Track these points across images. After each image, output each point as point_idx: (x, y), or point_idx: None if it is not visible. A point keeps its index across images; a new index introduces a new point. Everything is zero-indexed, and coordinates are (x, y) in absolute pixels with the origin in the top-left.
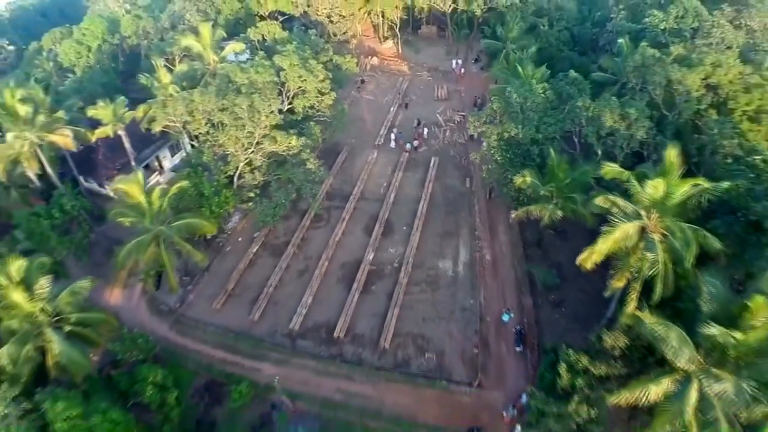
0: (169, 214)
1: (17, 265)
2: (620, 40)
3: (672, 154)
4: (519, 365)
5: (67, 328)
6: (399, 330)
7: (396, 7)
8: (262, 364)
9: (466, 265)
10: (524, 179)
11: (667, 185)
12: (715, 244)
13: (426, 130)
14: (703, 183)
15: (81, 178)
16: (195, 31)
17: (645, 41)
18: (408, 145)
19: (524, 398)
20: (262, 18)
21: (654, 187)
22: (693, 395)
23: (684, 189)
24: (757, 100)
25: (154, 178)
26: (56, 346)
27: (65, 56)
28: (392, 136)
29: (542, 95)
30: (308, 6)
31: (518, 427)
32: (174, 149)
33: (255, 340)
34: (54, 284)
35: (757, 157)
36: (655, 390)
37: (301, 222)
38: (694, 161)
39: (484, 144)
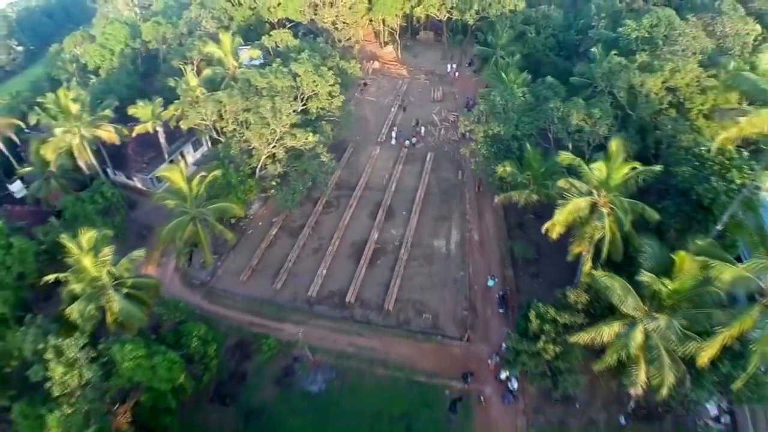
0: (203, 198)
1: (88, 236)
2: (593, 49)
3: (614, 144)
4: (501, 324)
5: (125, 290)
6: (400, 296)
7: (396, 15)
8: (285, 324)
9: (457, 244)
10: (505, 169)
11: (609, 168)
12: (654, 215)
13: (423, 129)
14: (639, 166)
15: (110, 171)
16: (213, 38)
17: (615, 50)
18: (407, 142)
19: (505, 346)
20: (272, 25)
21: (598, 170)
22: (638, 335)
23: (624, 171)
24: (711, 100)
25: None
26: (116, 304)
27: (90, 59)
28: (393, 134)
29: (521, 98)
30: (315, 14)
31: (502, 372)
32: (196, 145)
33: (278, 306)
34: None
35: (702, 148)
36: (607, 331)
37: (314, 208)
38: (653, 153)
39: (473, 140)
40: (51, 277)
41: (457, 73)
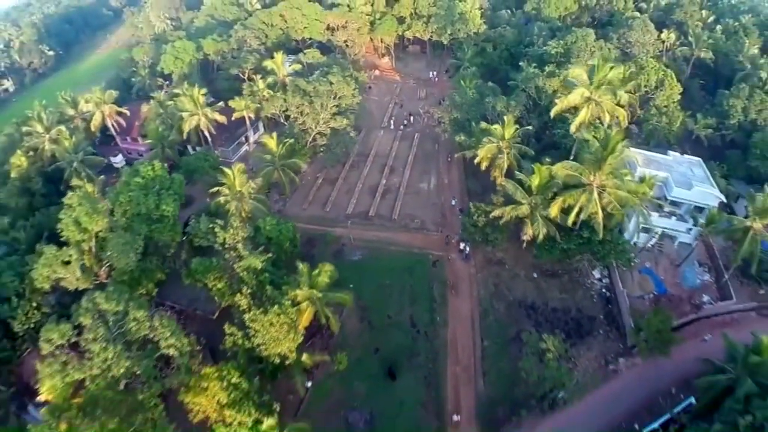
0: (283, 156)
1: (238, 167)
2: (521, 63)
3: (507, 118)
4: (459, 223)
5: (251, 200)
6: (401, 212)
7: (391, 35)
8: (335, 228)
9: (435, 185)
10: (461, 138)
11: (504, 129)
12: (530, 152)
13: (412, 118)
14: (518, 127)
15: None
16: (257, 51)
17: (543, 62)
18: (401, 127)
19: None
20: (297, 42)
21: (498, 129)
22: (524, 208)
23: (512, 130)
24: None
25: (244, 148)
26: (248, 205)
27: (166, 66)
28: (391, 121)
29: (471, 96)
30: (332, 35)
31: (461, 244)
32: (255, 129)
33: (329, 219)
34: None
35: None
36: (508, 209)
37: (343, 168)
38: (549, 124)
39: (443, 123)
40: (215, 189)
41: (437, 79)
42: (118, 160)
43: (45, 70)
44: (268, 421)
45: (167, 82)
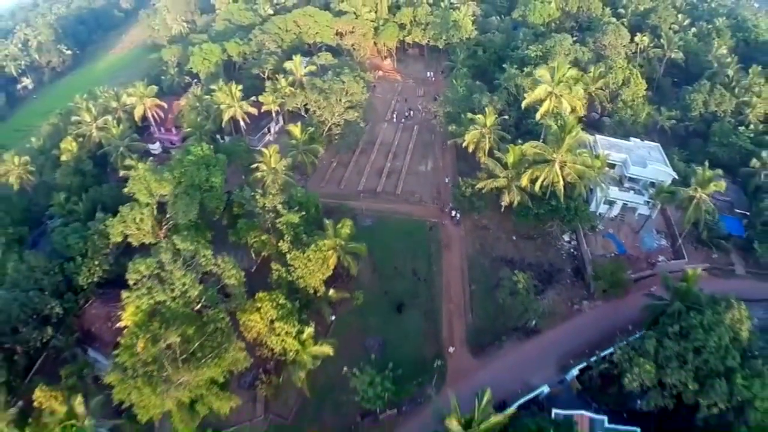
0: (305, 142)
1: (273, 148)
2: (504, 65)
3: (487, 109)
4: (451, 197)
5: (283, 175)
6: (403, 188)
7: (393, 40)
8: (348, 202)
9: (431, 167)
10: (453, 127)
11: (485, 118)
12: (507, 136)
13: (412, 112)
14: (498, 117)
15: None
16: (275, 54)
17: (524, 64)
18: (402, 120)
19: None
20: (309, 45)
21: (481, 118)
22: (501, 180)
23: (492, 118)
24: None
25: (267, 137)
26: (281, 179)
27: (195, 65)
28: (394, 115)
29: (461, 93)
30: (340, 40)
31: (453, 212)
32: (276, 122)
33: (343, 195)
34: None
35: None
36: (489, 181)
37: (354, 153)
38: (525, 115)
39: (438, 116)
40: (254, 165)
41: (433, 78)
42: (155, 147)
43: (63, 68)
44: (308, 331)
45: (195, 81)
